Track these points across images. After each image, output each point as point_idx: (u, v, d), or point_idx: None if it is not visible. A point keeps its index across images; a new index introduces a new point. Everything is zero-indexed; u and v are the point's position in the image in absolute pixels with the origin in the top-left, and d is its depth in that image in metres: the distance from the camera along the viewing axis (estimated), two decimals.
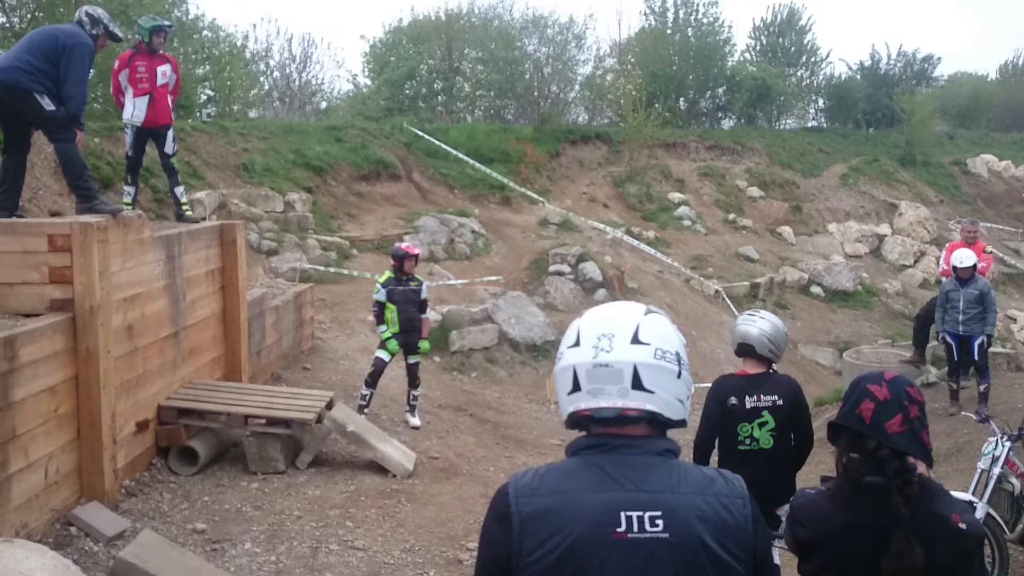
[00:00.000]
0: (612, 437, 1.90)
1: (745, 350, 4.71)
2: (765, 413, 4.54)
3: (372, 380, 9.46)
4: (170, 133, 8.84)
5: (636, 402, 1.88)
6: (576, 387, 1.92)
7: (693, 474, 1.89)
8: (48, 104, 6.68)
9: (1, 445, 5.26)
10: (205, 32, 21.25)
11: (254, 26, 37.16)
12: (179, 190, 9.10)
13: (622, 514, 1.80)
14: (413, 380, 9.75)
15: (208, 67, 20.50)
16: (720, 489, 1.87)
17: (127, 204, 8.68)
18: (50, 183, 11.29)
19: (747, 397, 4.55)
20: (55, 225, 6.30)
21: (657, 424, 1.91)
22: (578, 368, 1.92)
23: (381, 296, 9.46)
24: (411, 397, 9.84)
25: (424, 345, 9.79)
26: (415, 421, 9.76)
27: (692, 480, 1.86)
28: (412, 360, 9.69)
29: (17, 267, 6.01)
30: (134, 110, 8.61)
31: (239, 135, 17.67)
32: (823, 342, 18.70)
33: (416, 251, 9.70)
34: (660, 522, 1.80)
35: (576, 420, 1.95)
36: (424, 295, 9.67)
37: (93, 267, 6.06)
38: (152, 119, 8.64)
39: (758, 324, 4.68)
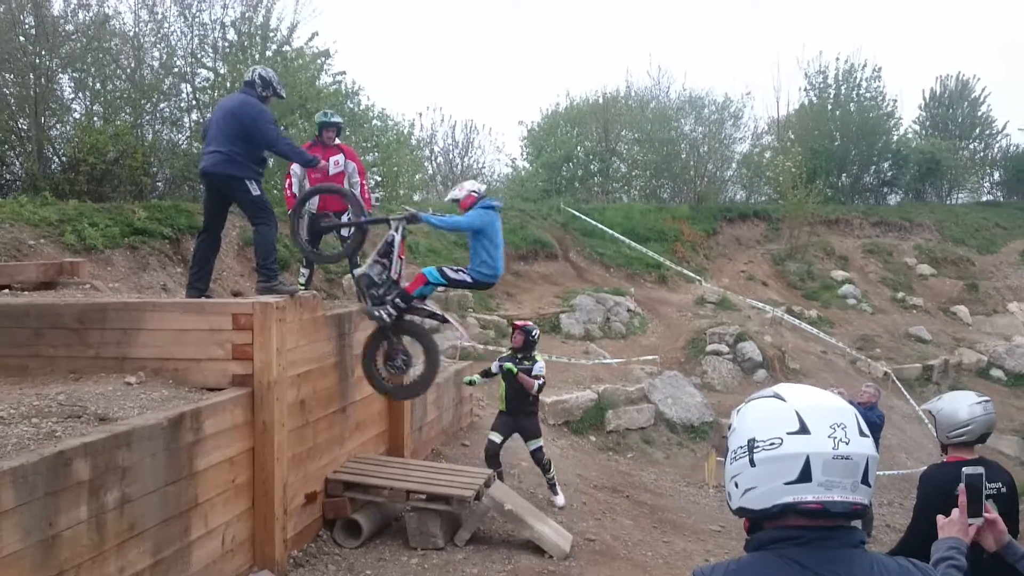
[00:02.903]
0: (807, 530, 1.82)
1: (983, 438, 4.38)
2: (989, 501, 4.27)
3: (489, 464, 9.32)
4: (344, 217, 9.29)
5: (861, 496, 1.81)
6: (806, 477, 1.79)
7: (890, 566, 1.84)
8: (255, 190, 7.20)
9: (185, 512, 5.56)
10: (375, 121, 22.41)
11: (420, 114, 38.97)
12: (358, 272, 9.49)
13: None
14: (541, 466, 9.61)
15: (376, 154, 21.55)
16: None
17: (302, 285, 9.17)
18: (232, 264, 12.10)
19: None
20: (239, 305, 6.67)
21: (851, 516, 1.84)
22: (813, 458, 1.79)
23: (493, 365, 9.65)
24: (547, 480, 9.71)
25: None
26: (560, 500, 9.60)
27: (891, 572, 1.82)
28: (533, 446, 9.53)
29: (204, 344, 6.39)
30: None
31: None
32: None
33: (519, 323, 9.83)
34: None
35: (768, 512, 1.85)
36: (536, 372, 9.37)
37: (272, 345, 6.40)
38: (323, 207, 9.11)
39: (989, 407, 4.39)
